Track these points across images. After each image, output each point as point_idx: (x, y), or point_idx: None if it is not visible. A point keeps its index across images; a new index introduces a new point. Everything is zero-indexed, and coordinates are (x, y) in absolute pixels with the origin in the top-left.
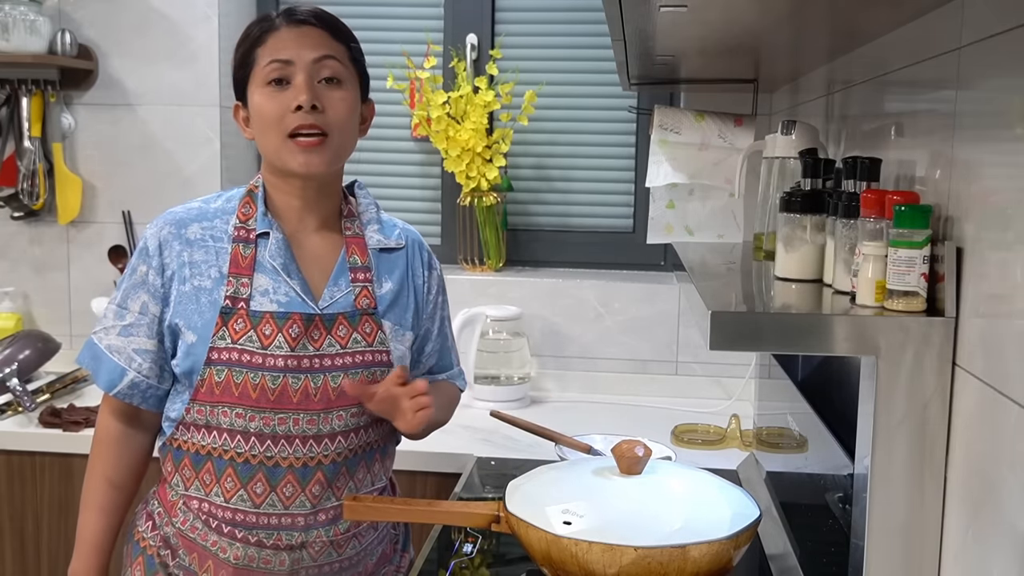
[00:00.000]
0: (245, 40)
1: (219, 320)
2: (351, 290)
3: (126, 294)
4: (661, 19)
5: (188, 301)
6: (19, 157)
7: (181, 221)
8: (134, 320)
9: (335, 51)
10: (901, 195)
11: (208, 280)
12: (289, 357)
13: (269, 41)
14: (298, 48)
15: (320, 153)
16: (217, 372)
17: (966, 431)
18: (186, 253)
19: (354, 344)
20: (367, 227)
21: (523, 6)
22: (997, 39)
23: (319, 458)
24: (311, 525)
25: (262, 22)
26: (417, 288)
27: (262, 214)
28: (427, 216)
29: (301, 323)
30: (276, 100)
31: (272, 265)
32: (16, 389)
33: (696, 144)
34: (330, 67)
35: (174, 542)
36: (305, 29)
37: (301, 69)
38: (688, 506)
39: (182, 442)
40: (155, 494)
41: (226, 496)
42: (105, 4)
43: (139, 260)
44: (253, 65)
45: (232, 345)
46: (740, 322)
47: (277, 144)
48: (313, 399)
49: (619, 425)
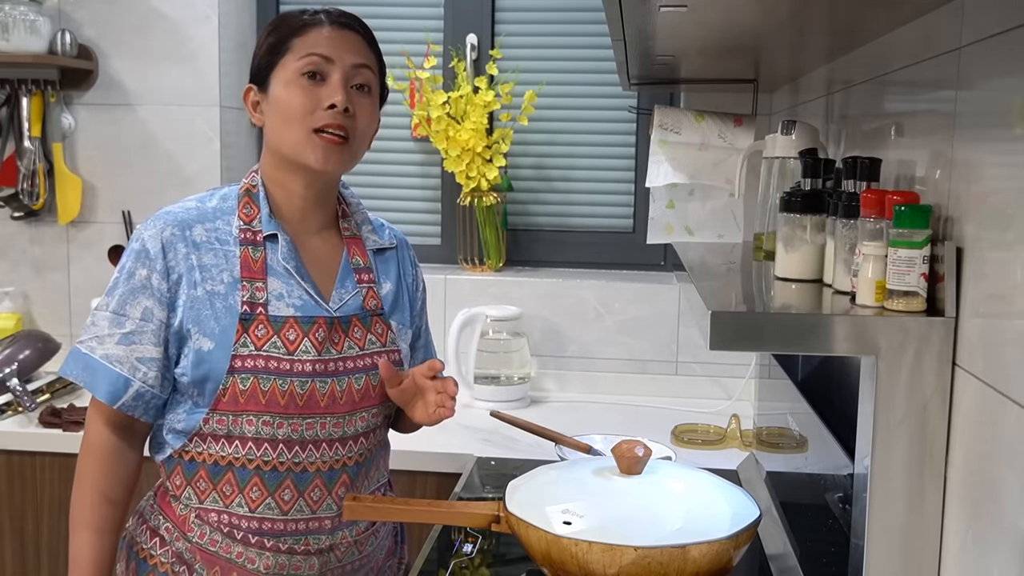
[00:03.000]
0: (282, 27)
1: (239, 327)
2: (358, 291)
3: (123, 300)
4: (661, 19)
5: (201, 307)
6: (19, 157)
7: (184, 222)
8: (136, 327)
9: (370, 61)
10: (901, 195)
11: (221, 285)
12: (317, 361)
13: (311, 34)
14: (340, 48)
15: (340, 153)
16: (242, 380)
17: (966, 431)
18: (194, 256)
19: (370, 345)
20: (362, 227)
21: (523, 6)
22: (997, 39)
23: (344, 460)
24: (337, 527)
25: (303, 14)
26: (408, 286)
27: (267, 216)
28: (427, 216)
29: (325, 327)
30: (310, 94)
31: (284, 268)
32: (16, 389)
33: (696, 144)
34: (364, 76)
35: (189, 557)
36: (348, 33)
37: (339, 69)
38: (688, 506)
39: (196, 454)
40: (155, 508)
41: (251, 506)
42: (105, 4)
43: (137, 263)
44: (286, 53)
45: (257, 352)
46: (740, 322)
47: (300, 137)
48: (339, 402)
49: (619, 425)
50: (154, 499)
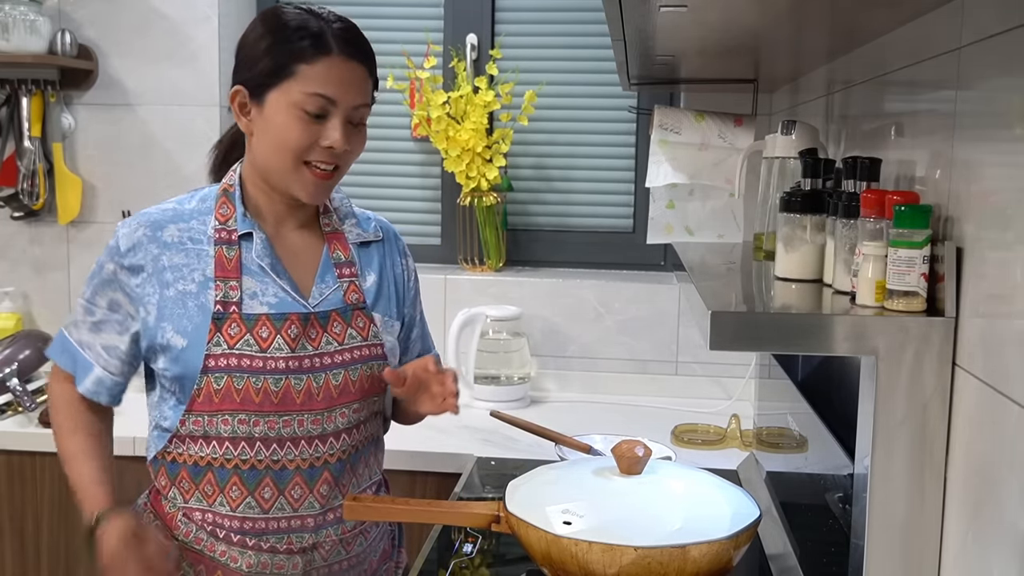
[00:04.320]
0: (285, 38)
1: (212, 326)
2: (339, 286)
3: (94, 291)
4: (661, 19)
5: (174, 306)
6: (19, 157)
7: (156, 223)
8: (103, 316)
9: (369, 96)
10: (901, 195)
11: (192, 284)
12: (290, 358)
13: (319, 66)
14: (345, 89)
15: (329, 186)
16: (215, 380)
17: (966, 431)
18: (164, 257)
19: (350, 340)
20: (345, 221)
21: (523, 6)
22: (997, 39)
23: (325, 457)
24: (321, 525)
25: (314, 37)
26: (397, 277)
27: (242, 215)
28: (427, 216)
29: (298, 323)
30: (309, 130)
31: (259, 266)
32: (16, 389)
33: (696, 144)
34: (362, 113)
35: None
36: (354, 66)
37: (341, 111)
38: (688, 506)
39: (176, 455)
40: (147, 506)
41: (232, 505)
42: (105, 4)
43: (107, 258)
44: (289, 78)
45: (229, 351)
46: (740, 322)
47: (289, 168)
48: (316, 399)
49: (619, 425)
50: (148, 498)
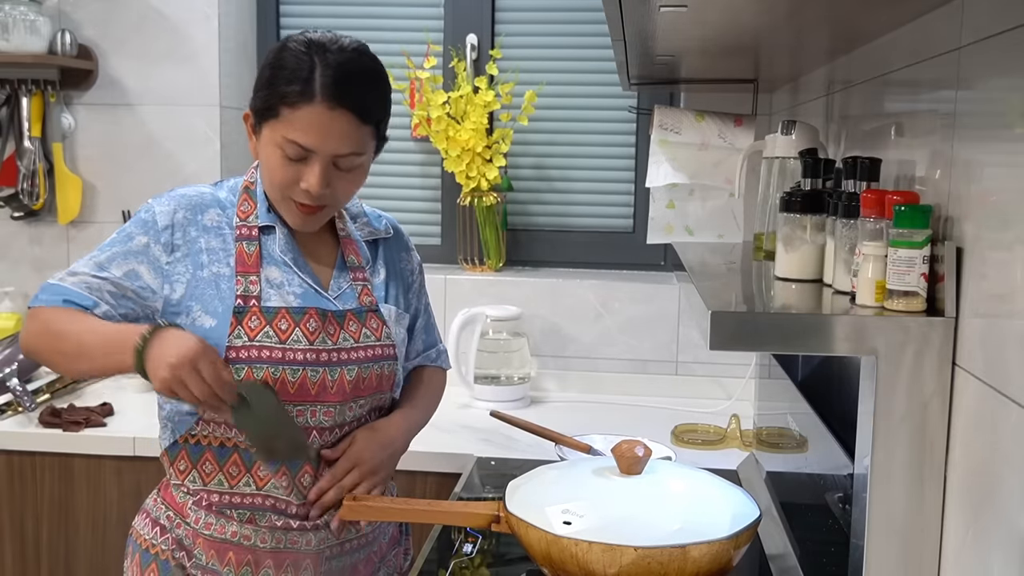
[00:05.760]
0: (276, 86)
1: (233, 320)
2: (353, 288)
3: (112, 257)
4: (661, 19)
5: (206, 286)
6: (19, 157)
7: (196, 206)
8: (116, 281)
9: (358, 144)
10: (901, 195)
11: (227, 268)
12: (308, 351)
13: (300, 112)
14: (323, 139)
15: (318, 218)
16: (237, 370)
17: (966, 431)
18: (203, 239)
19: (365, 339)
20: (357, 220)
21: (523, 6)
22: (997, 39)
23: None
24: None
25: (302, 82)
26: (402, 271)
27: (266, 211)
28: (427, 216)
29: (317, 317)
30: (289, 169)
31: (283, 259)
32: (16, 389)
33: (696, 144)
34: (350, 161)
35: (188, 543)
36: (338, 115)
37: (321, 159)
38: (688, 506)
39: (202, 436)
40: (158, 502)
41: (258, 484)
42: (105, 4)
43: (140, 230)
44: (272, 118)
45: (250, 343)
46: (740, 322)
47: (277, 198)
48: (330, 391)
49: (619, 425)
50: (157, 494)
